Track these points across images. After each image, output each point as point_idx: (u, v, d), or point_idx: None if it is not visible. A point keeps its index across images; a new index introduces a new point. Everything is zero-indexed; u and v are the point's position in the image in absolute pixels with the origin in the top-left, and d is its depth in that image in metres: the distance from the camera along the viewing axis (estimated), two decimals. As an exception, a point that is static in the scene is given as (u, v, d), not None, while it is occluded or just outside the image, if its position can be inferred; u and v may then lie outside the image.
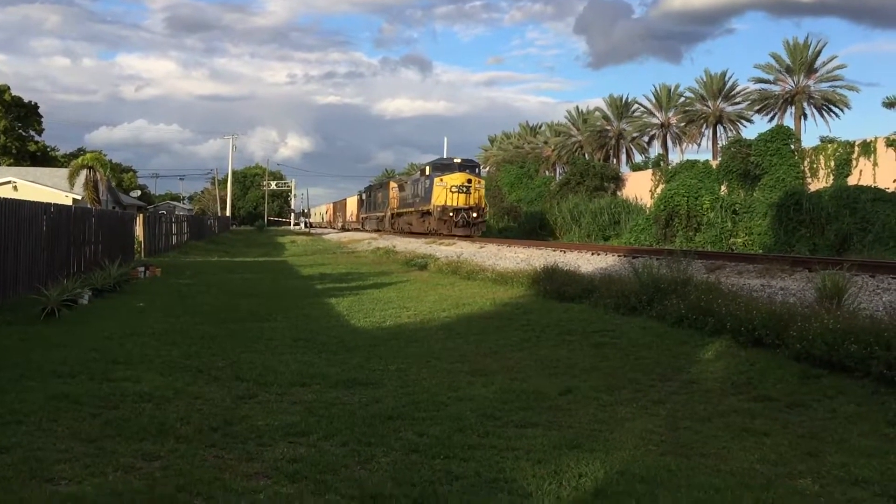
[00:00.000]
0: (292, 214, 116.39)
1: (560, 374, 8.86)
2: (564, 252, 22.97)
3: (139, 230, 29.90)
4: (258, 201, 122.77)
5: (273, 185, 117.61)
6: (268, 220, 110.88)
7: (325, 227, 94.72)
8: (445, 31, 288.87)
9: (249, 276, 23.90)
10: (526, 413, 7.09)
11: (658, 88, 68.69)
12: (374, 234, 55.11)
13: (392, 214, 50.98)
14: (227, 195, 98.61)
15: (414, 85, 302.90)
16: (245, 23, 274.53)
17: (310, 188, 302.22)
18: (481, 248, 29.09)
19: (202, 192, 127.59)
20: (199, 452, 5.71)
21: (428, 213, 39.30)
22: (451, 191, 37.28)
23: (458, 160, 39.97)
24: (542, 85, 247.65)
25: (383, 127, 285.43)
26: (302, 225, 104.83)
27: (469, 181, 37.98)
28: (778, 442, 6.08)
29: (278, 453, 5.73)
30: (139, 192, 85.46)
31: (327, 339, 11.26)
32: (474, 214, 37.51)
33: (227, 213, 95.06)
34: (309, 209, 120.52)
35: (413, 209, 43.45)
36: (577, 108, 77.26)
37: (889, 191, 28.30)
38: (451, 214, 36.95)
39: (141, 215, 31.83)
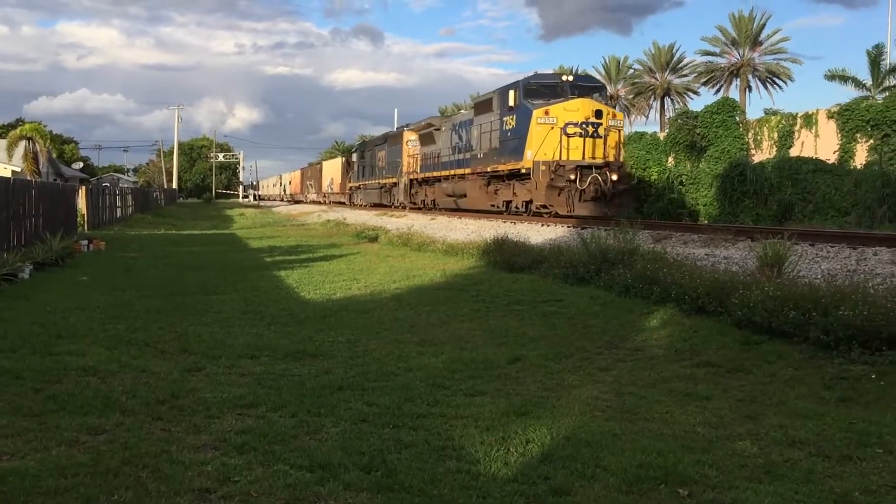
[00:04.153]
0: (241, 187, 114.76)
1: (509, 344, 8.95)
2: (514, 223, 23.06)
3: (82, 203, 29.18)
4: (205, 173, 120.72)
5: (221, 156, 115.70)
6: (215, 192, 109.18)
7: (276, 200, 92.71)
8: (397, 2, 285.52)
9: (197, 249, 23.56)
10: (475, 382, 7.15)
11: (608, 60, 69.02)
12: (325, 207, 54.57)
13: (412, 181, 34.71)
14: (173, 167, 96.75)
15: (365, 56, 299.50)
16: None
17: (259, 160, 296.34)
18: (432, 220, 29.07)
19: (147, 164, 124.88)
20: (146, 426, 5.66)
21: (517, 175, 22.87)
22: (566, 133, 21.19)
23: (570, 77, 23.47)
24: (493, 57, 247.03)
25: (333, 98, 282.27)
26: (251, 198, 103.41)
27: (598, 115, 21.65)
28: (719, 406, 6.24)
29: (226, 425, 5.70)
30: (81, 164, 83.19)
31: (277, 312, 11.18)
32: (614, 177, 20.98)
33: (174, 185, 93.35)
34: (258, 181, 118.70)
35: (469, 171, 26.52)
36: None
37: (829, 162, 29.00)
38: (570, 178, 20.61)
39: (83, 188, 31.05)
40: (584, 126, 21.43)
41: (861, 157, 28.76)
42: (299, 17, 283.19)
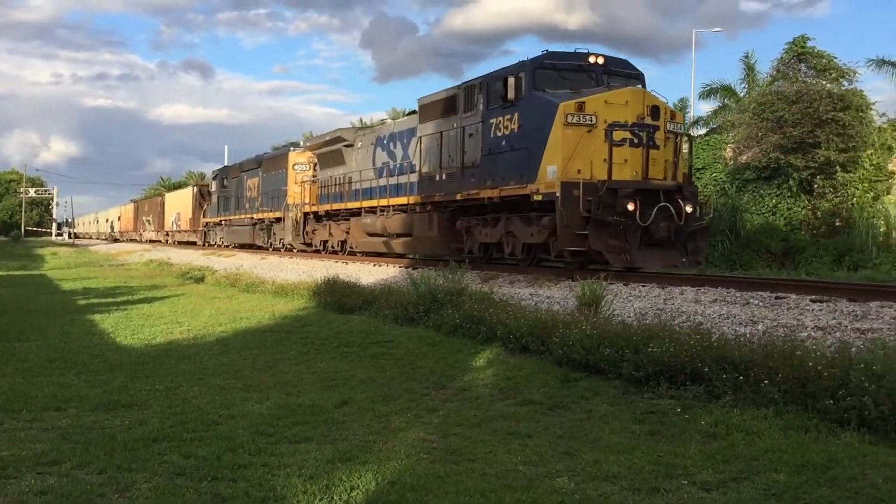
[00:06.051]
0: (54, 224, 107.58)
1: (337, 387, 8.82)
2: (346, 264, 23.01)
3: None
4: (14, 210, 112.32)
5: (32, 192, 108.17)
6: (25, 230, 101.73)
7: (95, 239, 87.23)
8: (228, 38, 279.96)
9: (1, 291, 21.74)
10: (301, 428, 6.98)
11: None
12: (148, 246, 52.03)
13: (307, 216, 27.72)
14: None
15: (194, 91, 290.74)
16: (2, 17, 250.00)
17: (76, 196, 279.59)
18: (262, 259, 28.47)
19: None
20: (-73, 492, 5.09)
21: (517, 205, 15.89)
22: (611, 140, 14.40)
23: (601, 59, 15.85)
24: (327, 96, 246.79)
25: (160, 133, 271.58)
26: (66, 235, 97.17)
27: (655, 113, 14.92)
28: (539, 443, 6.42)
29: (24, 486, 5.24)
30: None
31: (88, 359, 10.47)
32: (689, 208, 14.46)
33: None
34: (73, 218, 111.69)
35: (417, 200, 19.57)
36: (361, 120, 77.83)
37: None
38: (628, 209, 13.90)
39: None
40: (636, 129, 14.53)
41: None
42: (124, 49, 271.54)
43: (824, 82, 27.41)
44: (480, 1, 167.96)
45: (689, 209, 14.38)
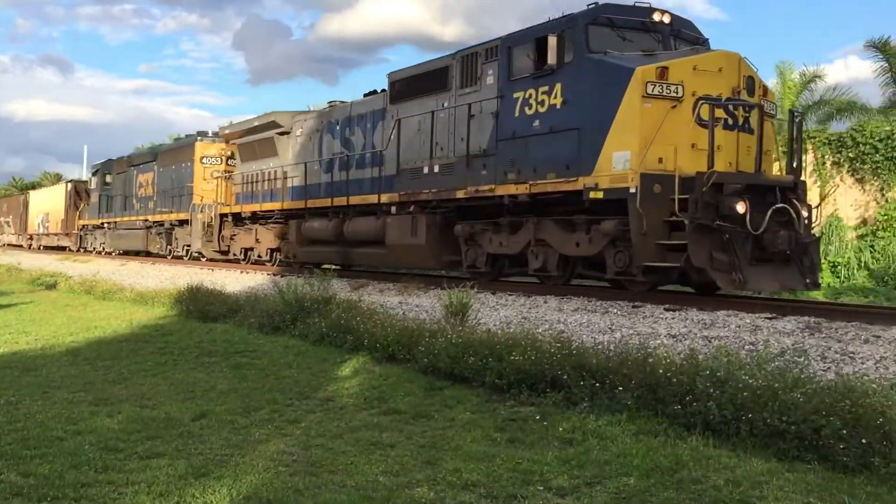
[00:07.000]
0: None
1: (196, 399, 8.51)
2: (212, 270, 22.33)
3: None
4: None
5: None
6: None
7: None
8: (91, 33, 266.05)
9: None
10: (153, 442, 6.68)
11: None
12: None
13: (224, 218, 23.64)
14: None
15: (52, 87, 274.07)
16: None
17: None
18: (122, 265, 27.27)
19: None
20: None
21: (554, 202, 12.58)
22: (702, 120, 10.88)
23: (666, 17, 12.34)
24: (196, 98, 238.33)
25: (12, 130, 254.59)
26: None
27: (750, 86, 11.51)
28: (401, 453, 6.39)
29: None
30: None
31: (-81, 372, 9.68)
32: (804, 212, 11.24)
33: None
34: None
35: (394, 198, 15.65)
36: (231, 122, 75.99)
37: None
38: (738, 211, 10.36)
39: None
40: (731, 107, 11.35)
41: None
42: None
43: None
44: (356, 7, 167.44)
45: (804, 213, 11.37)
